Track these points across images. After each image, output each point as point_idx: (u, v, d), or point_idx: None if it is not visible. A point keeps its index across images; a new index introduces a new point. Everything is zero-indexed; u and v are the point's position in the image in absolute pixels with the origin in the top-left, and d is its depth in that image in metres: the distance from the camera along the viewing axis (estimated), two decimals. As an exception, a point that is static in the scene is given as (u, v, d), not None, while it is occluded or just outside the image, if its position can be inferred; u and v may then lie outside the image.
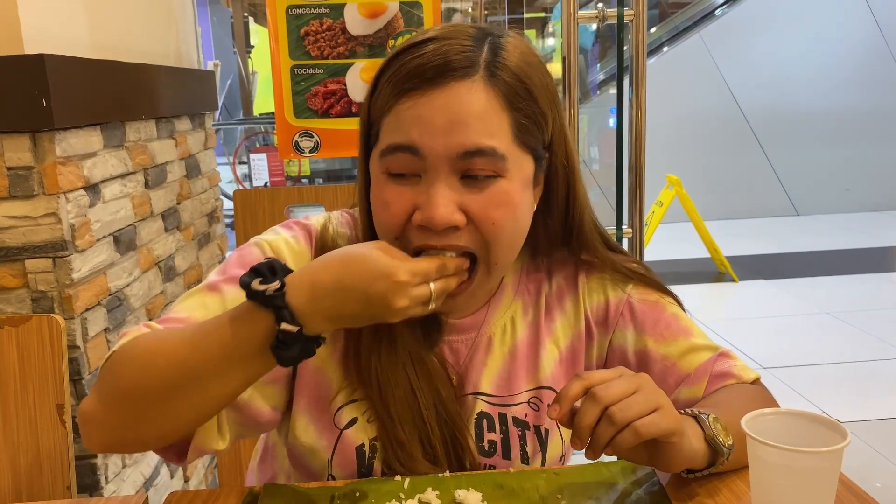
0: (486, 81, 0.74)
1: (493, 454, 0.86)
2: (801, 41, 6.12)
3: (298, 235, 0.85)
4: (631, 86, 1.72)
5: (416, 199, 0.75)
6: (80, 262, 1.38)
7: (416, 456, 0.81)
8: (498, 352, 0.88)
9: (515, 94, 0.75)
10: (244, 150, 4.77)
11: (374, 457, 0.83)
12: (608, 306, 0.90)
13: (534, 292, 0.91)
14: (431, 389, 0.83)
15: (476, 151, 0.74)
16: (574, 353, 0.90)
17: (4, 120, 1.27)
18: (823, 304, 3.96)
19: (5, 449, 1.05)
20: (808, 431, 0.66)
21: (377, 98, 0.78)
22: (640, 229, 1.77)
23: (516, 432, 0.86)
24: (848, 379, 3.04)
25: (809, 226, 5.97)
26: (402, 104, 0.74)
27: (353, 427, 0.83)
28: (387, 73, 0.77)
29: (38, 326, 1.06)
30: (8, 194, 1.29)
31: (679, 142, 5.89)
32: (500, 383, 0.87)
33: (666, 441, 0.70)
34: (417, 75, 0.74)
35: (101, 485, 1.42)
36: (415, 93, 0.74)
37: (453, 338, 0.87)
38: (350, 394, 0.84)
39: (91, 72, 1.48)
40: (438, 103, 0.73)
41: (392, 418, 0.81)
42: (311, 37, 2.26)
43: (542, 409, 0.87)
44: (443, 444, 0.82)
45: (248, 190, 2.19)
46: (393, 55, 0.77)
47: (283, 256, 0.82)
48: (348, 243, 0.83)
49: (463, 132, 0.73)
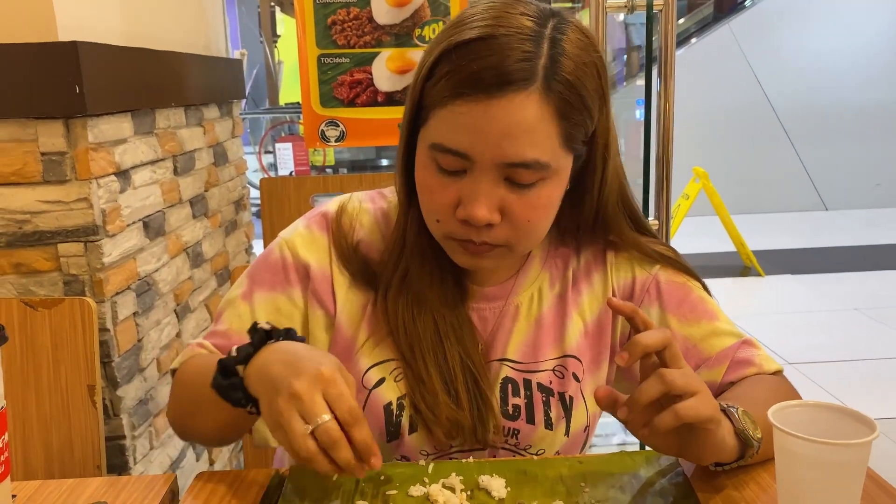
0: (542, 94, 0.75)
1: (517, 418, 0.88)
2: (833, 33, 6.01)
3: (313, 225, 0.92)
4: (659, 77, 1.71)
5: (460, 192, 0.79)
6: (110, 246, 1.40)
7: (441, 401, 0.84)
8: (524, 321, 0.91)
9: (568, 104, 0.76)
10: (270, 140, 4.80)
11: (402, 414, 0.86)
12: (634, 283, 0.92)
13: (561, 266, 0.93)
14: (459, 341, 0.87)
15: (522, 164, 0.76)
16: (601, 326, 0.92)
17: (39, 106, 1.29)
18: (851, 300, 3.90)
19: (39, 428, 1.07)
20: (836, 424, 0.66)
21: (433, 86, 0.78)
22: (666, 222, 1.76)
23: (540, 398, 0.89)
24: (875, 375, 3.00)
25: (838, 221, 5.88)
26: (458, 106, 0.75)
27: (381, 386, 0.87)
28: (445, 63, 0.76)
29: (71, 309, 1.08)
30: (42, 179, 1.32)
31: (706, 134, 5.82)
32: (525, 350, 0.90)
33: (702, 428, 0.69)
34: (476, 83, 0.74)
35: (129, 465, 1.44)
36: (471, 99, 0.74)
37: (481, 305, 0.91)
38: (378, 353, 0.88)
39: (123, 59, 1.50)
40: (493, 113, 0.74)
41: (416, 359, 0.85)
42: (337, 26, 2.26)
43: (566, 377, 0.90)
44: (466, 391, 0.85)
45: (275, 179, 2.21)
46: (453, 44, 0.76)
47: (298, 251, 0.91)
48: (371, 218, 0.92)
49: (512, 145, 0.75)
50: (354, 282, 0.90)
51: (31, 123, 1.30)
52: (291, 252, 0.90)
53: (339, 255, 0.90)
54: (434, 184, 0.80)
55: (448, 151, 0.77)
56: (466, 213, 0.78)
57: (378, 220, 0.93)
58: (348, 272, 0.89)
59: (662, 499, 0.74)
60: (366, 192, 0.96)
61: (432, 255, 0.87)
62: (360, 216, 0.92)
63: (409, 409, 0.86)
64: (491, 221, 0.78)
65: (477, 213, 0.77)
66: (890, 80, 6.06)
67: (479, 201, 0.77)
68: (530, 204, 0.79)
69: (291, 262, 0.90)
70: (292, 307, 0.90)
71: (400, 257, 0.88)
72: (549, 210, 0.82)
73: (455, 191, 0.79)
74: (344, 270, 0.90)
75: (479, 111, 0.74)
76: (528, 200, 0.79)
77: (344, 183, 2.12)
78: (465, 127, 0.75)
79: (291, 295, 0.90)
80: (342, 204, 0.93)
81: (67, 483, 0.81)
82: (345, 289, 0.90)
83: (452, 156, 0.77)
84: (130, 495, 0.78)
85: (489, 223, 0.78)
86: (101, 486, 0.80)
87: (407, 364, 0.86)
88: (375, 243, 0.91)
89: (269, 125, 5.18)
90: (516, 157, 0.76)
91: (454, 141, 0.76)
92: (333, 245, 0.90)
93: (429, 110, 0.79)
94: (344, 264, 0.90)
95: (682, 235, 3.92)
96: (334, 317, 0.90)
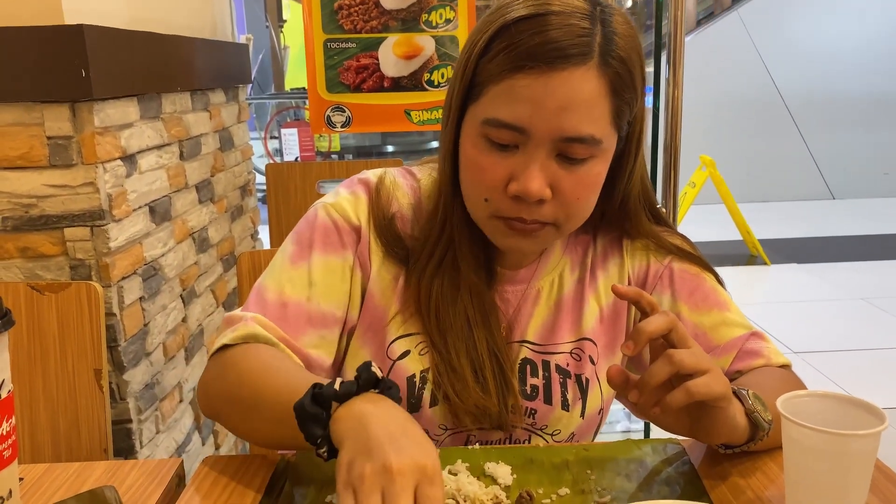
0: (599, 69, 0.76)
1: (535, 398, 0.90)
2: (843, 21, 5.95)
3: (357, 188, 0.91)
4: (668, 64, 1.69)
5: (513, 168, 0.78)
6: (116, 231, 1.40)
7: (468, 382, 0.84)
8: (544, 304, 0.92)
9: (621, 81, 0.78)
10: (275, 125, 4.79)
11: (424, 387, 0.87)
12: (649, 270, 0.94)
13: (581, 252, 0.95)
14: (486, 326, 0.87)
15: (577, 138, 0.77)
16: (616, 311, 0.94)
17: (45, 90, 1.28)
18: (857, 290, 3.89)
19: (46, 412, 1.08)
20: (845, 414, 0.65)
21: (490, 61, 0.78)
22: (673, 209, 1.75)
23: (558, 379, 0.90)
24: (880, 365, 2.99)
25: (845, 210, 5.85)
26: (518, 80, 0.76)
27: (405, 358, 0.88)
28: (503, 38, 0.77)
29: (77, 293, 1.08)
30: (48, 163, 1.32)
31: (713, 122, 5.79)
32: (544, 333, 0.92)
33: (714, 405, 0.69)
34: (540, 55, 0.75)
35: (135, 449, 1.45)
36: (533, 71, 0.75)
37: (506, 288, 0.92)
38: (405, 327, 0.89)
39: (129, 43, 1.49)
40: (553, 86, 0.75)
41: (448, 346, 0.85)
42: (344, 10, 2.25)
43: (583, 360, 0.91)
44: (493, 376, 0.86)
45: (280, 164, 2.21)
46: (511, 19, 0.76)
47: (348, 213, 0.89)
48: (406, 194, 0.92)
49: (570, 119, 0.76)
50: (387, 254, 0.89)
51: (37, 107, 1.30)
52: (342, 215, 0.89)
53: (377, 225, 0.89)
54: (484, 161, 0.79)
55: (505, 126, 0.77)
56: (520, 188, 0.77)
57: (410, 197, 0.92)
58: (381, 243, 0.89)
59: (668, 487, 0.74)
60: (396, 168, 0.96)
61: (473, 242, 0.87)
62: (396, 190, 0.92)
63: (431, 384, 0.87)
64: (543, 197, 0.78)
65: (532, 187, 0.77)
66: (899, 68, 6.01)
67: (533, 175, 0.77)
68: (581, 181, 0.79)
69: (344, 224, 0.89)
70: (346, 269, 0.89)
71: (438, 241, 0.87)
72: (596, 188, 0.82)
73: (506, 167, 0.78)
74: (378, 240, 0.89)
75: (539, 84, 0.75)
76: (578, 178, 0.79)
77: (351, 169, 2.11)
78: (524, 100, 0.75)
79: (346, 257, 0.89)
80: (381, 175, 0.93)
81: (74, 466, 0.81)
82: (380, 258, 0.89)
83: (509, 130, 0.77)
84: (137, 479, 0.78)
85: (541, 199, 0.78)
86: (107, 470, 0.80)
87: (434, 347, 0.86)
88: (409, 219, 0.91)
89: (274, 110, 5.17)
90: (573, 131, 0.76)
91: (513, 114, 0.76)
92: (373, 214, 0.90)
93: (483, 86, 0.79)
94: (379, 234, 0.89)
95: (688, 223, 3.90)
96: (368, 280, 0.90)
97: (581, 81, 0.75)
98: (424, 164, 0.96)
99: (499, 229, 0.83)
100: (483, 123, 0.79)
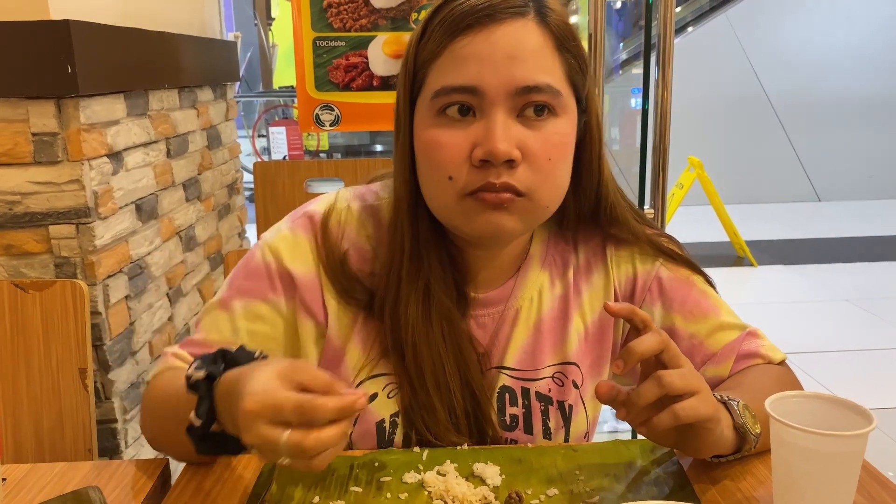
0: (538, 22, 0.76)
1: (514, 428, 0.86)
2: (830, 24, 6.00)
3: (298, 229, 0.86)
4: (657, 65, 1.70)
5: (474, 136, 0.75)
6: (102, 229, 1.39)
7: (440, 419, 0.81)
8: (523, 325, 0.87)
9: (564, 35, 0.77)
10: (263, 124, 4.77)
11: (395, 431, 0.84)
12: (636, 280, 0.89)
13: (561, 264, 0.90)
14: (457, 358, 0.83)
15: (534, 87, 0.74)
16: (602, 328, 0.90)
17: (30, 86, 1.27)
18: (842, 291, 3.92)
19: (29, 411, 1.06)
20: (833, 415, 0.65)
21: (427, 42, 0.77)
22: (662, 210, 1.75)
23: (539, 407, 0.86)
24: (865, 366, 3.01)
25: (831, 212, 5.89)
26: (458, 43, 0.75)
27: (373, 402, 0.84)
28: (437, 18, 0.77)
29: (62, 291, 1.07)
30: (32, 160, 1.30)
31: (701, 124, 5.81)
32: (524, 358, 0.87)
33: (702, 427, 0.69)
34: (473, 14, 0.74)
35: (120, 448, 1.44)
36: (471, 30, 0.74)
37: (479, 312, 0.87)
38: (370, 370, 0.85)
39: (116, 39, 1.48)
40: (496, 38, 0.74)
41: (420, 381, 0.82)
42: (333, 8, 2.24)
43: (566, 385, 0.87)
44: (465, 414, 0.83)
45: (268, 162, 2.19)
46: (442, 2, 0.77)
47: (283, 258, 0.85)
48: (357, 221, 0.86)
49: (521, 67, 0.74)
50: (343, 296, 0.85)
51: (22, 103, 1.28)
52: (275, 258, 0.85)
53: (327, 269, 0.84)
54: (443, 136, 0.75)
55: (456, 90, 0.74)
56: (485, 150, 0.73)
57: (364, 221, 0.87)
58: (335, 288, 0.84)
59: (657, 487, 0.74)
60: (355, 188, 0.90)
61: (442, 260, 0.83)
62: (348, 224, 0.86)
63: (402, 427, 0.83)
64: (511, 156, 0.73)
65: (497, 146, 0.72)
66: (884, 71, 6.06)
67: (496, 134, 0.73)
68: (548, 140, 0.76)
69: (276, 268, 0.85)
70: (276, 316, 0.85)
71: (401, 263, 0.82)
72: (565, 151, 0.78)
73: (466, 137, 0.75)
74: (332, 284, 0.84)
75: (480, 39, 0.74)
76: (545, 136, 0.75)
77: (339, 168, 2.10)
78: (469, 58, 0.74)
79: (276, 304, 0.85)
80: (329, 206, 0.87)
81: (58, 467, 0.80)
82: (336, 300, 0.85)
83: (461, 93, 0.74)
84: (122, 480, 0.77)
85: (510, 160, 0.73)
86: (91, 470, 0.79)
87: (405, 385, 0.82)
88: (367, 253, 0.86)
89: (262, 108, 5.15)
90: (528, 79, 0.74)
91: (461, 76, 0.74)
92: (320, 259, 0.85)
93: (426, 68, 0.77)
94: (332, 279, 0.84)
95: (676, 224, 3.91)
96: (325, 327, 0.85)
97: (524, 32, 0.74)
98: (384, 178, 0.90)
99: (470, 208, 0.76)
100: (433, 98, 0.76)
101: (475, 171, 0.75)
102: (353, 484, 0.75)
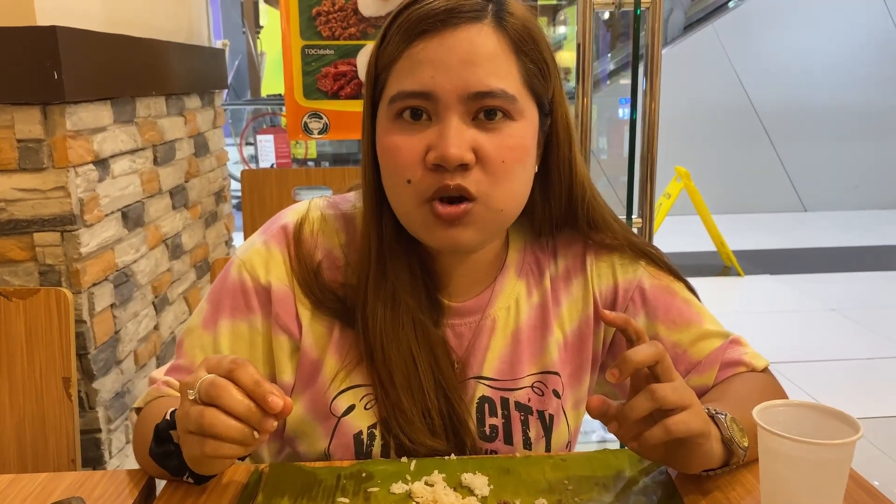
0: (495, 26, 0.76)
1: (494, 439, 0.86)
2: (815, 36, 6.06)
3: (271, 241, 0.86)
4: (645, 76, 1.71)
5: (429, 140, 0.75)
6: (88, 236, 1.38)
7: (414, 420, 0.81)
8: (501, 335, 0.87)
9: (522, 39, 0.77)
10: (251, 132, 4.76)
11: (373, 443, 0.83)
12: (617, 289, 0.89)
13: (538, 273, 0.89)
14: (430, 359, 0.83)
15: (488, 93, 0.74)
16: (581, 337, 0.89)
17: (15, 92, 1.26)
18: (829, 301, 3.95)
19: (12, 421, 1.05)
20: (820, 423, 0.66)
21: (386, 47, 0.78)
22: (650, 220, 1.76)
23: (518, 417, 0.86)
24: (851, 376, 3.03)
25: (816, 222, 5.94)
26: (414, 48, 0.75)
27: (350, 414, 0.83)
28: (396, 22, 0.77)
29: (46, 299, 1.06)
30: (17, 167, 1.29)
31: (688, 134, 5.85)
32: (502, 367, 0.86)
33: (692, 442, 0.69)
34: (429, 18, 0.74)
35: (104, 459, 1.42)
36: (426, 35, 0.74)
37: (455, 321, 0.86)
38: (348, 380, 0.84)
39: (103, 45, 1.47)
40: (451, 43, 0.74)
41: (394, 388, 0.81)
42: (322, 17, 2.24)
43: (546, 394, 0.87)
44: (440, 415, 0.82)
45: (256, 170, 2.19)
46: (401, 7, 0.78)
47: (257, 272, 0.85)
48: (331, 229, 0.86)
49: (475, 72, 0.74)
50: (318, 307, 0.84)
51: (8, 109, 1.27)
52: (250, 274, 0.84)
53: (300, 281, 0.84)
54: (399, 140, 0.76)
55: (410, 95, 0.75)
56: (438, 154, 0.73)
57: (338, 229, 0.87)
58: (309, 299, 0.84)
59: (646, 497, 0.74)
60: (328, 197, 0.90)
61: (411, 266, 0.83)
62: (322, 233, 0.86)
63: (380, 439, 0.83)
64: (464, 160, 0.73)
65: (449, 150, 0.73)
66: (869, 82, 6.13)
67: (449, 138, 0.73)
68: (503, 143, 0.75)
69: (251, 285, 0.84)
70: (255, 334, 0.85)
71: (368, 270, 0.82)
72: (522, 155, 0.77)
73: (422, 140, 0.75)
74: (305, 295, 0.84)
75: (435, 44, 0.74)
76: (499, 140, 0.75)
77: (327, 176, 2.10)
78: (424, 63, 0.74)
79: (253, 322, 0.85)
80: (301, 217, 0.87)
81: (41, 477, 0.79)
82: (310, 312, 0.84)
83: (415, 98, 0.75)
84: (105, 490, 0.76)
85: (463, 163, 0.74)
86: (75, 481, 0.78)
87: (383, 390, 0.82)
88: (340, 263, 0.86)
89: (250, 116, 5.14)
90: (481, 85, 0.74)
91: (415, 81, 0.74)
92: (294, 271, 0.84)
93: (386, 72, 0.78)
94: (305, 291, 0.84)
95: (664, 234, 3.93)
96: (300, 340, 0.85)
97: (479, 36, 0.74)
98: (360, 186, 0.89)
99: (428, 220, 0.76)
100: (391, 103, 0.76)
101: (430, 175, 0.75)
102: (341, 495, 0.74)
